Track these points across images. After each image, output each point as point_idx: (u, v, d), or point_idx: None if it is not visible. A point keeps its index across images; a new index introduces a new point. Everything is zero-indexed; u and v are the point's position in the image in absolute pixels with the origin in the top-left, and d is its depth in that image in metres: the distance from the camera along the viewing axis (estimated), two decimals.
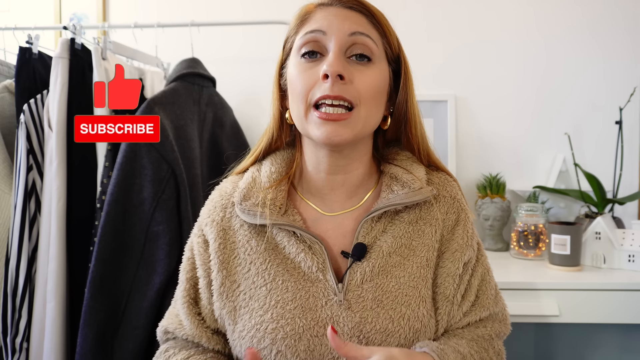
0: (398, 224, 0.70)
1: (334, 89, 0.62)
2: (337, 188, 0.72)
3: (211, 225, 0.72)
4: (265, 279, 0.67)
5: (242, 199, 0.70)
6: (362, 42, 0.65)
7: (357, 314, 0.65)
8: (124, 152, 1.13)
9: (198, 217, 0.77)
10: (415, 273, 0.68)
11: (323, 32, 0.65)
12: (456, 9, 1.67)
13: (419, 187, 0.69)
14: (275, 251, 0.69)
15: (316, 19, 0.67)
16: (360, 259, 0.67)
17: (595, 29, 1.62)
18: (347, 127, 0.64)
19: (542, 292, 1.18)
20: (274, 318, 0.65)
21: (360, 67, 0.65)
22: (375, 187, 0.74)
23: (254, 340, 0.65)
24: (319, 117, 0.63)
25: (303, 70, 0.65)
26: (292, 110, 0.68)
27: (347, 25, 0.65)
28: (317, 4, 0.70)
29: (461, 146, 1.66)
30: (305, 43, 0.66)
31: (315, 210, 0.72)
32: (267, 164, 0.74)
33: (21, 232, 1.16)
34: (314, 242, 0.68)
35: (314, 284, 0.67)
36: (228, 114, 1.50)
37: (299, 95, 0.65)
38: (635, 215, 1.62)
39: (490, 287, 0.74)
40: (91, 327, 1.08)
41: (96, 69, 1.21)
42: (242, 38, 1.71)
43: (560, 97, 1.64)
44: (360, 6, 0.67)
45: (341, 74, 0.62)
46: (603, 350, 1.21)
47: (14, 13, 1.83)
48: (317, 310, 0.65)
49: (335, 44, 0.64)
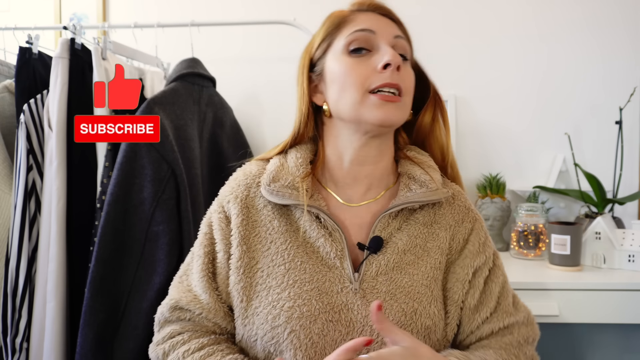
0: (413, 224, 0.73)
1: (394, 77, 0.68)
2: (360, 180, 0.75)
3: (234, 201, 0.75)
4: (284, 258, 0.70)
5: (272, 180, 0.73)
6: (402, 44, 0.73)
7: (371, 303, 0.66)
8: (124, 152, 1.13)
9: (217, 196, 0.79)
10: (428, 273, 0.71)
11: (372, 31, 0.71)
12: (456, 9, 1.67)
13: (435, 188, 0.73)
14: (296, 234, 0.72)
15: (361, 20, 0.73)
16: (376, 251, 0.70)
17: (595, 28, 1.62)
18: (399, 110, 0.70)
19: (542, 292, 1.18)
20: (291, 297, 0.67)
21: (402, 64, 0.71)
22: (393, 185, 0.77)
23: (269, 317, 0.67)
24: (379, 99, 0.68)
25: (355, 64, 0.70)
26: (340, 100, 0.71)
27: (390, 28, 0.73)
28: (353, 9, 0.75)
29: (461, 146, 1.66)
30: (354, 40, 0.71)
31: (335, 199, 0.75)
32: (293, 152, 0.77)
33: (21, 232, 1.16)
34: (335, 229, 0.71)
35: (330, 269, 0.69)
36: (228, 114, 1.50)
37: (353, 84, 0.69)
38: (635, 215, 1.62)
39: (510, 294, 0.76)
40: (91, 327, 1.08)
41: (96, 69, 1.21)
42: (243, 38, 1.71)
43: (560, 97, 1.64)
44: (392, 15, 0.76)
45: (399, 65, 0.69)
46: (603, 350, 1.21)
47: (14, 13, 1.83)
48: (332, 295, 0.67)
49: (386, 42, 0.71)
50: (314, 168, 0.77)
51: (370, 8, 0.75)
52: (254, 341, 0.68)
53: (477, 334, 0.72)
